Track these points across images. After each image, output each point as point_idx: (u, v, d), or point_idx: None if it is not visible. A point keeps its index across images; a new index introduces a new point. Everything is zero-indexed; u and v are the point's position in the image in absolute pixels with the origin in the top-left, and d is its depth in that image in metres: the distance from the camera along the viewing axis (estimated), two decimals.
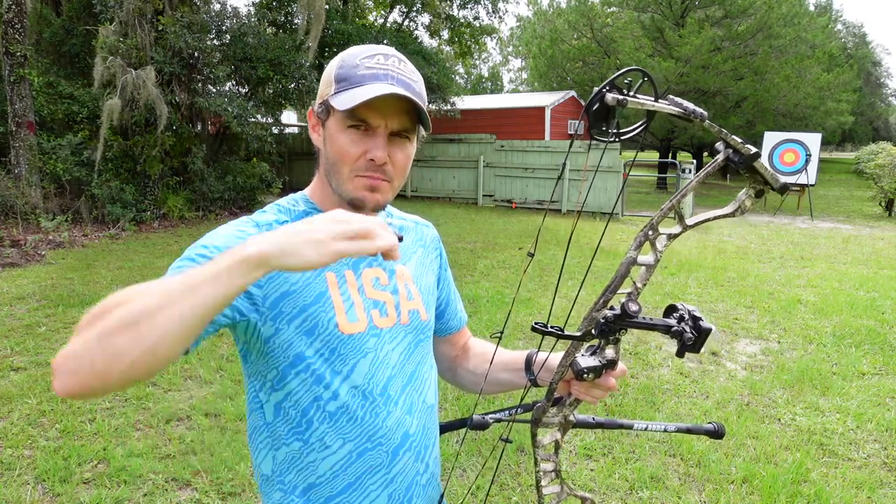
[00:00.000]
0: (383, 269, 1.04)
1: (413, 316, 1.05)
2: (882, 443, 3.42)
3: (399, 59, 0.95)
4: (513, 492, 2.87)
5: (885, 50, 75.98)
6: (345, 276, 0.98)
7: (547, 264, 7.89)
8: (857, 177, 25.41)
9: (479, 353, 1.24)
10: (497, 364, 1.16)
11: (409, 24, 16.70)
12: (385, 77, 0.91)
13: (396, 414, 0.99)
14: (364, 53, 0.94)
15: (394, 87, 0.90)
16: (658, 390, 4.04)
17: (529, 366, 1.10)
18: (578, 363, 0.89)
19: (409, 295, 1.06)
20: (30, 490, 2.77)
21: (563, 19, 21.50)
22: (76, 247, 8.42)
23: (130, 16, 9.77)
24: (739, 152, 0.79)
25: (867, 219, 13.68)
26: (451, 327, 1.24)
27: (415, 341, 1.06)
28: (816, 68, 18.43)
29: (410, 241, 1.13)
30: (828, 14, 27.03)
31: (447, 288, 1.22)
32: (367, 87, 0.89)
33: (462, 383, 1.26)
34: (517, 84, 47.88)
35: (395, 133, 0.94)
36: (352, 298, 0.97)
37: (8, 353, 4.39)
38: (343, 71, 0.93)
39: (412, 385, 1.04)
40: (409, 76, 0.94)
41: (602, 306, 0.85)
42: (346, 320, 0.95)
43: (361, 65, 0.92)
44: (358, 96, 0.88)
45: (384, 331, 1.00)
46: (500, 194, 14.23)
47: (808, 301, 6.28)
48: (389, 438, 0.99)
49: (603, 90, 0.74)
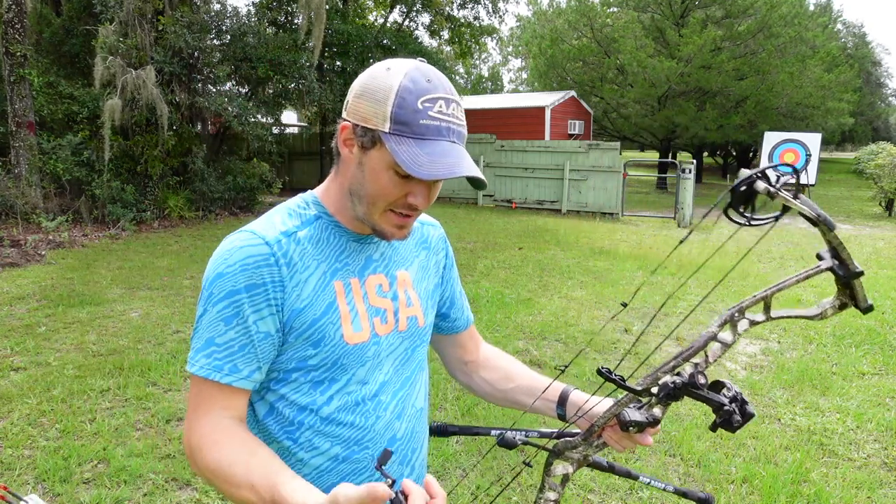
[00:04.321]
0: (385, 275, 1.03)
1: (411, 322, 1.05)
2: (882, 443, 3.42)
3: (457, 104, 0.90)
4: (513, 492, 2.87)
5: (885, 50, 75.89)
6: (350, 284, 0.98)
7: (547, 264, 7.88)
8: (857, 177, 25.41)
9: (499, 368, 1.22)
10: (522, 386, 1.15)
11: (409, 24, 16.69)
12: (448, 133, 0.88)
13: (386, 418, 1.00)
14: (425, 95, 0.87)
15: (455, 147, 0.88)
16: None
17: (563, 401, 1.10)
18: (627, 415, 0.89)
19: (409, 301, 1.06)
20: (30, 490, 2.77)
21: (563, 19, 21.49)
22: (76, 247, 8.42)
23: (130, 16, 9.77)
24: (846, 266, 0.80)
25: (867, 219, 13.68)
26: (456, 326, 1.23)
27: (411, 347, 1.06)
28: (817, 68, 18.43)
29: (413, 243, 1.12)
30: (828, 14, 27.03)
31: (452, 287, 1.21)
32: (432, 148, 0.86)
33: (477, 392, 1.25)
34: (517, 84, 47.86)
35: None
36: (356, 308, 0.97)
37: (8, 353, 4.39)
38: (402, 113, 0.86)
39: (405, 390, 1.04)
40: (461, 123, 0.91)
41: (670, 370, 0.85)
42: (352, 330, 0.96)
43: (423, 111, 0.86)
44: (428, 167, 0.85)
45: (383, 338, 1.00)
46: (500, 194, 14.23)
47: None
48: (377, 442, 0.99)
49: (755, 175, 0.76)
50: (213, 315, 0.90)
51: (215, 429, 0.89)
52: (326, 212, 1.00)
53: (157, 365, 4.20)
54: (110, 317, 5.31)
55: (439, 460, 3.08)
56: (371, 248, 1.02)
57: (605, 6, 20.71)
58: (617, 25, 19.32)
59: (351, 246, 1.00)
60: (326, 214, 1.00)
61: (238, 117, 10.72)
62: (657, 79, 17.71)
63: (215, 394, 0.90)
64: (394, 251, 1.06)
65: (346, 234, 1.00)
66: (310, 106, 14.57)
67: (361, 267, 1.00)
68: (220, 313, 0.90)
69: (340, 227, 0.99)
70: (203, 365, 0.90)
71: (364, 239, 1.01)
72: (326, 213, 1.00)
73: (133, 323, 5.15)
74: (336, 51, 13.98)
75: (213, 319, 0.90)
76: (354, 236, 1.00)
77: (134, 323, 5.15)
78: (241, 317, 0.89)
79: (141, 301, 5.81)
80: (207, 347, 0.90)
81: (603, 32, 19.94)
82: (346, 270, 0.98)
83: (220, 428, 0.89)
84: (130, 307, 5.61)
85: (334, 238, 0.98)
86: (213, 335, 0.90)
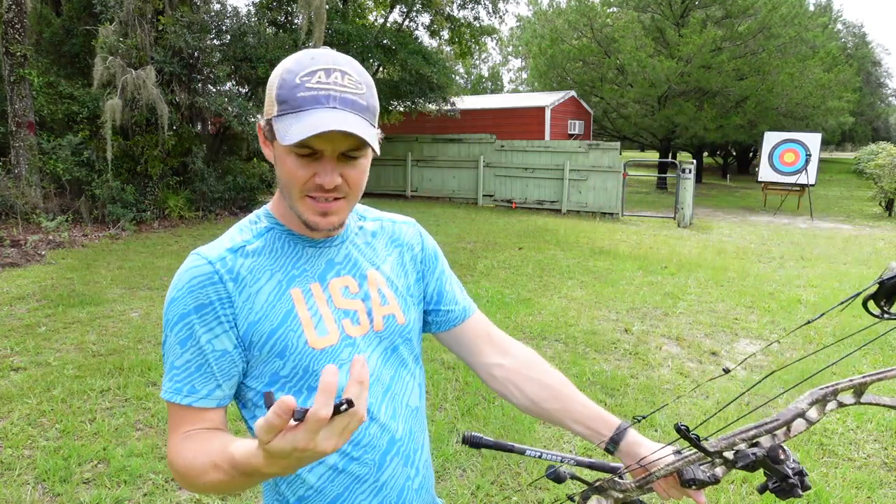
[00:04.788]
0: (353, 276, 1.02)
1: (388, 321, 1.03)
2: (882, 443, 3.42)
3: (342, 73, 0.88)
4: (513, 492, 2.87)
5: (885, 50, 75.95)
6: (311, 289, 0.97)
7: (547, 264, 7.88)
8: (857, 177, 25.42)
9: (545, 385, 1.13)
10: (572, 411, 1.10)
11: (409, 24, 16.69)
12: (326, 99, 0.85)
13: (380, 420, 0.99)
14: (304, 69, 0.87)
15: (335, 111, 0.85)
16: (658, 390, 4.04)
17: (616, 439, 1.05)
18: (691, 472, 0.88)
19: (383, 300, 1.04)
20: (30, 490, 2.77)
21: (563, 19, 21.48)
22: (76, 247, 8.42)
23: (130, 16, 9.77)
24: None
25: (867, 219, 13.68)
26: (453, 318, 1.17)
27: (391, 346, 1.04)
28: (817, 68, 18.43)
29: (384, 243, 1.10)
30: (828, 14, 27.03)
31: (438, 281, 1.17)
32: (308, 117, 0.84)
33: (513, 402, 1.17)
34: (517, 84, 47.86)
35: (344, 153, 0.89)
36: (320, 312, 0.96)
37: (8, 353, 4.39)
38: (283, 91, 0.87)
39: (392, 391, 1.02)
40: (353, 90, 0.87)
41: (749, 438, 0.85)
42: (316, 335, 0.94)
43: (301, 84, 0.85)
44: (296, 133, 0.83)
45: (357, 339, 0.98)
46: (500, 194, 14.23)
47: (808, 301, 6.28)
48: (374, 446, 0.98)
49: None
50: (171, 340, 0.92)
51: (181, 440, 0.91)
52: (278, 222, 1.00)
53: (157, 365, 4.21)
54: (110, 317, 5.31)
55: (439, 460, 3.08)
56: (332, 252, 1.01)
57: (605, 6, 20.71)
58: (617, 25, 19.32)
59: (308, 252, 0.99)
60: (278, 224, 1.00)
61: (238, 117, 10.71)
62: (657, 79, 17.72)
63: (183, 414, 0.92)
64: (360, 252, 1.05)
65: (301, 240, 0.99)
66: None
67: (322, 271, 0.99)
68: (177, 336, 0.92)
69: (293, 234, 0.99)
70: (166, 388, 0.92)
71: (321, 243, 1.00)
72: (278, 224, 1.00)
73: (133, 323, 5.15)
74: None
75: (172, 344, 0.92)
76: (310, 242, 1.00)
77: (134, 323, 5.15)
78: (193, 338, 0.91)
79: (141, 301, 5.81)
80: (170, 371, 0.92)
81: (603, 32, 19.93)
82: (304, 277, 0.97)
83: (187, 438, 0.91)
84: (130, 307, 5.61)
85: (288, 246, 0.98)
86: (173, 359, 0.92)
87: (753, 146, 27.05)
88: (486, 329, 1.20)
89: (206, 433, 0.91)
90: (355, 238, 1.06)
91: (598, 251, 8.87)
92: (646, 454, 1.00)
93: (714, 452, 0.85)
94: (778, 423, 0.83)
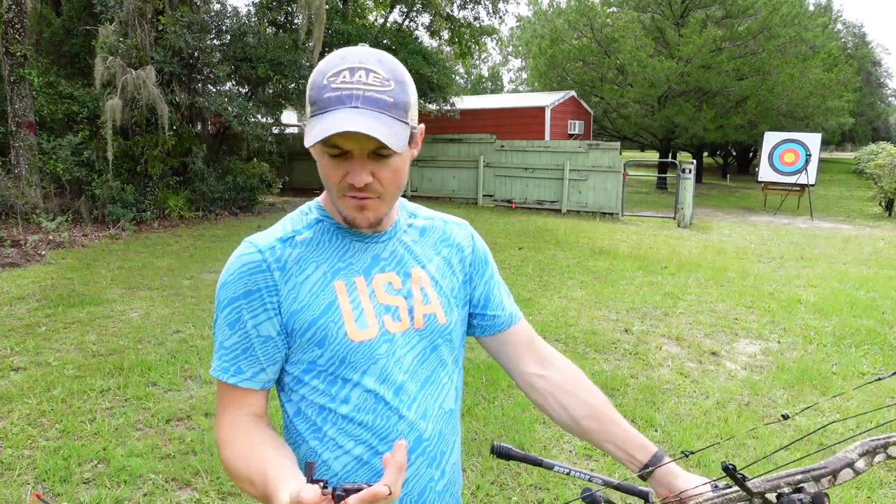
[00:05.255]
0: (397, 273, 1.03)
1: (428, 320, 1.03)
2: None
3: (367, 71, 0.88)
4: (513, 492, 2.87)
5: (885, 50, 75.96)
6: (355, 282, 0.99)
7: (547, 264, 7.89)
8: (857, 177, 25.42)
9: (586, 404, 1.12)
10: (611, 434, 1.10)
11: (409, 24, 16.69)
12: (349, 99, 0.85)
13: (409, 418, 0.99)
14: (331, 69, 0.88)
15: (356, 111, 0.85)
16: (658, 390, 4.04)
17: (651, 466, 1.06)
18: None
19: (426, 299, 1.04)
20: (30, 490, 2.77)
21: (563, 19, 21.48)
22: (76, 247, 8.42)
23: (130, 16, 9.77)
24: None
25: (867, 219, 13.68)
26: (497, 324, 1.16)
27: (431, 346, 1.04)
28: (817, 68, 18.43)
29: (432, 242, 1.10)
30: (828, 14, 27.03)
31: (485, 285, 1.16)
32: (329, 118, 0.85)
33: (549, 414, 1.17)
34: (517, 84, 47.85)
35: (375, 150, 0.89)
36: (361, 305, 0.98)
37: (8, 353, 4.39)
38: (313, 92, 0.88)
39: (426, 390, 1.03)
40: (377, 88, 0.87)
41: (795, 483, 0.85)
42: (356, 328, 0.96)
43: (328, 85, 0.87)
44: (316, 134, 0.84)
45: (397, 336, 1.00)
46: (500, 194, 14.23)
47: (808, 301, 6.28)
48: None
49: None
50: (221, 321, 0.97)
51: (230, 428, 0.97)
52: (327, 214, 1.02)
53: (157, 365, 4.21)
54: (110, 317, 5.31)
55: None
56: (379, 247, 1.03)
57: (605, 6, 20.71)
58: (617, 25, 19.32)
59: (355, 246, 1.01)
60: (327, 217, 1.02)
61: (238, 117, 10.72)
62: (657, 79, 17.72)
63: (229, 392, 0.98)
64: (407, 249, 1.06)
65: (349, 234, 1.01)
66: None
67: (367, 266, 1.00)
68: (226, 319, 0.96)
69: (341, 228, 1.01)
70: (216, 367, 0.98)
71: (369, 238, 1.02)
72: (327, 216, 1.02)
73: (133, 323, 5.15)
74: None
75: (221, 325, 0.97)
76: (358, 236, 1.01)
77: (134, 323, 5.15)
78: (241, 322, 0.96)
79: (141, 301, 5.81)
80: (219, 350, 0.98)
81: (603, 32, 19.94)
82: (349, 270, 0.99)
83: (234, 427, 0.96)
84: (130, 307, 5.61)
85: (336, 239, 1.00)
86: (222, 339, 0.98)
87: (753, 146, 27.05)
88: (530, 338, 1.19)
89: (249, 427, 0.96)
90: (403, 235, 1.07)
91: (598, 251, 8.87)
92: (681, 485, 1.02)
93: (757, 493, 0.85)
94: (825, 470, 0.83)
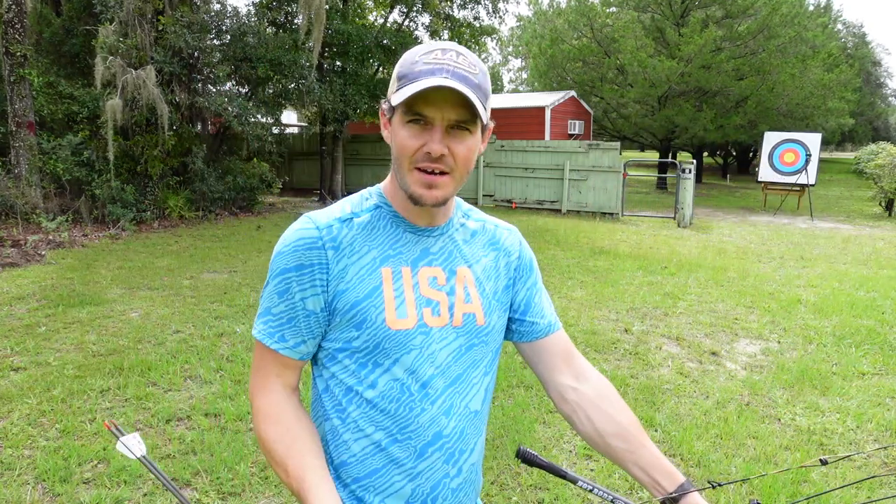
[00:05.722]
0: (443, 269, 1.04)
1: (467, 319, 1.04)
2: (882, 443, 3.42)
3: (457, 53, 0.95)
4: (513, 492, 2.87)
5: (885, 50, 75.90)
6: (401, 271, 1.01)
7: (547, 264, 7.88)
8: (857, 177, 25.41)
9: (616, 422, 1.10)
10: (639, 456, 1.08)
11: (409, 24, 16.68)
12: (440, 71, 0.91)
13: (431, 412, 1.00)
14: (423, 50, 0.96)
15: (446, 79, 0.90)
16: (658, 390, 4.04)
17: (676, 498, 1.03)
18: None
19: (467, 298, 1.05)
20: (30, 490, 2.77)
21: (563, 19, 21.50)
22: (76, 247, 8.42)
23: (130, 16, 9.77)
24: None
25: (867, 219, 13.68)
26: (535, 331, 1.15)
27: (467, 344, 1.04)
28: (817, 68, 18.43)
29: (482, 243, 1.11)
30: (828, 14, 27.02)
31: (528, 291, 1.16)
32: (420, 82, 0.91)
33: (576, 427, 1.15)
34: (517, 84, 47.88)
35: (453, 125, 0.94)
36: (404, 294, 1.00)
37: (8, 353, 4.39)
38: (403, 69, 0.95)
39: (455, 387, 1.03)
40: (466, 69, 0.93)
41: None
42: (395, 316, 0.98)
43: (420, 61, 0.93)
44: (407, 92, 0.90)
45: (434, 330, 1.01)
46: (500, 194, 14.23)
47: (808, 301, 6.28)
48: (420, 435, 1.00)
49: None
50: (271, 288, 1.01)
51: (273, 403, 1.01)
52: (386, 202, 1.05)
53: (157, 365, 4.21)
54: (110, 317, 5.31)
55: None
56: (429, 241, 1.05)
57: (605, 6, 20.70)
58: (617, 25, 19.32)
59: (406, 236, 1.03)
60: (386, 204, 1.05)
61: (238, 117, 10.72)
62: (657, 79, 17.72)
63: (269, 358, 1.02)
64: (456, 247, 1.07)
65: (404, 224, 1.04)
66: (310, 106, 14.56)
67: (416, 258, 1.03)
68: (276, 287, 1.00)
69: (398, 217, 1.04)
70: (259, 329, 1.02)
71: (422, 231, 1.04)
72: (387, 203, 1.05)
73: (133, 323, 5.15)
74: (336, 51, 13.95)
75: (271, 292, 1.01)
76: (412, 227, 1.04)
77: (134, 323, 5.15)
78: (289, 293, 0.99)
79: (141, 301, 5.81)
80: (265, 315, 1.02)
81: (603, 32, 19.94)
82: (398, 258, 1.01)
83: (277, 403, 1.01)
84: (130, 307, 5.61)
85: (391, 227, 1.03)
86: (269, 305, 1.01)
87: (753, 146, 27.05)
88: (567, 350, 1.18)
89: (291, 407, 1.02)
90: (455, 233, 1.09)
91: (597, 251, 8.87)
92: None
93: None
94: None
